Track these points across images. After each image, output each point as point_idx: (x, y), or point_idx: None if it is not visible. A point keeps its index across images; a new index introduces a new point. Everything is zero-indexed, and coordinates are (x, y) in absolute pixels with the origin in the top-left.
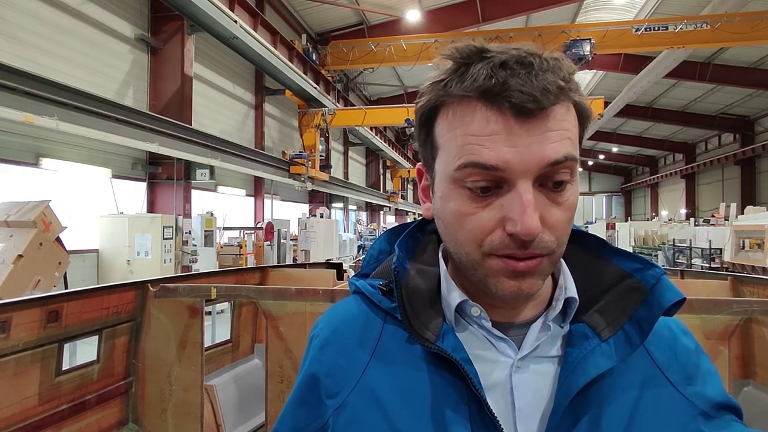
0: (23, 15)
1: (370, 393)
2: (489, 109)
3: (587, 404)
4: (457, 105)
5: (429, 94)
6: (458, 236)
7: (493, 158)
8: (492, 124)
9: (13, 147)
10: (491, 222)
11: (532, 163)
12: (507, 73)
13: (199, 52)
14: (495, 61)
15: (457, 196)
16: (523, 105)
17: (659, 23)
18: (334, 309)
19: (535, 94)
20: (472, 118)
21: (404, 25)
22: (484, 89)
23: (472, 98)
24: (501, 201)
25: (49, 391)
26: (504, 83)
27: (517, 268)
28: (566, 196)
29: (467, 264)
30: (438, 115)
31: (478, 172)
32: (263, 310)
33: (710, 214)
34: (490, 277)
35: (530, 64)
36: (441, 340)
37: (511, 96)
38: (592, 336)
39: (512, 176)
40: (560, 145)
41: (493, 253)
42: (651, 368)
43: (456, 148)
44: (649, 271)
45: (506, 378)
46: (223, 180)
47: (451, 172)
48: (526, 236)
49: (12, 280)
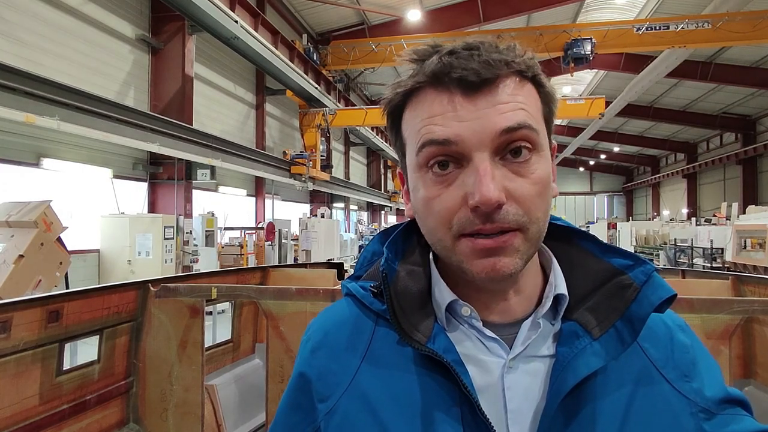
0: (24, 15)
1: (361, 396)
2: (438, 91)
3: (579, 404)
4: (414, 98)
5: (389, 96)
6: (429, 223)
7: (447, 133)
8: (442, 104)
9: (15, 147)
10: (456, 200)
11: (484, 134)
12: (453, 57)
13: (199, 52)
14: (443, 50)
15: (424, 183)
16: (465, 78)
17: (660, 23)
18: (326, 312)
19: (476, 68)
20: (424, 104)
21: (405, 25)
22: (431, 74)
23: (424, 86)
24: (462, 177)
25: (50, 391)
26: (449, 64)
27: (486, 245)
28: (532, 168)
29: (443, 252)
30: (401, 113)
31: (434, 149)
32: (264, 310)
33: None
34: (464, 261)
35: (477, 48)
36: (432, 342)
37: (454, 72)
38: (583, 334)
39: (467, 150)
40: (513, 114)
41: (461, 232)
42: (645, 365)
43: (415, 135)
44: (640, 267)
45: (498, 379)
46: (224, 180)
47: (414, 159)
48: (484, 206)
49: (13, 280)
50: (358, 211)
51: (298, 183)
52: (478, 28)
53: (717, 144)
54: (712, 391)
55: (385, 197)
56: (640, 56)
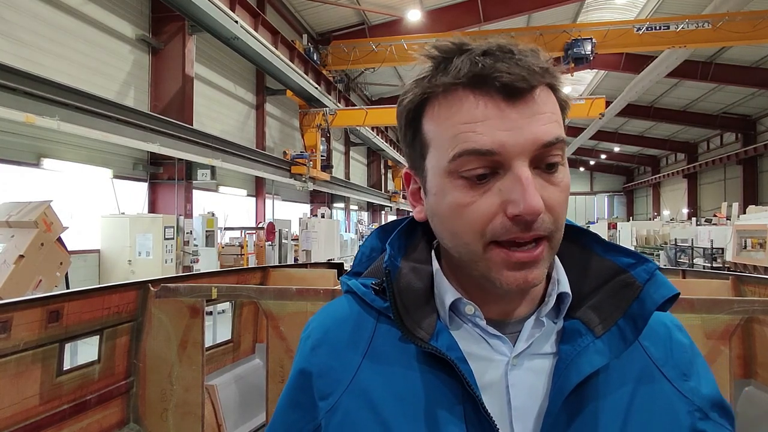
0: (24, 15)
1: (363, 394)
2: (477, 94)
3: (582, 401)
4: (443, 98)
5: (411, 92)
6: (457, 229)
7: (489, 142)
8: (483, 109)
9: (15, 147)
10: (492, 208)
11: (527, 144)
12: (492, 59)
13: (200, 52)
14: (476, 51)
15: (453, 188)
16: (513, 84)
17: (661, 23)
18: (326, 309)
19: (523, 74)
20: (460, 106)
21: (405, 25)
22: (471, 75)
23: (458, 88)
24: (499, 185)
25: (50, 391)
26: (491, 67)
27: (521, 259)
28: (560, 177)
29: (468, 258)
30: (424, 112)
31: (474, 159)
32: (264, 310)
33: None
34: (493, 271)
35: (511, 51)
36: (435, 339)
37: (500, 77)
38: (586, 332)
39: (508, 159)
40: (551, 127)
41: (495, 239)
42: (646, 364)
43: (448, 140)
44: (642, 266)
45: (502, 376)
46: (224, 180)
47: (444, 165)
48: (529, 215)
49: (13, 280)
50: (359, 211)
51: (298, 183)
52: (479, 28)
53: (717, 144)
54: (707, 391)
55: (386, 197)
56: (641, 56)
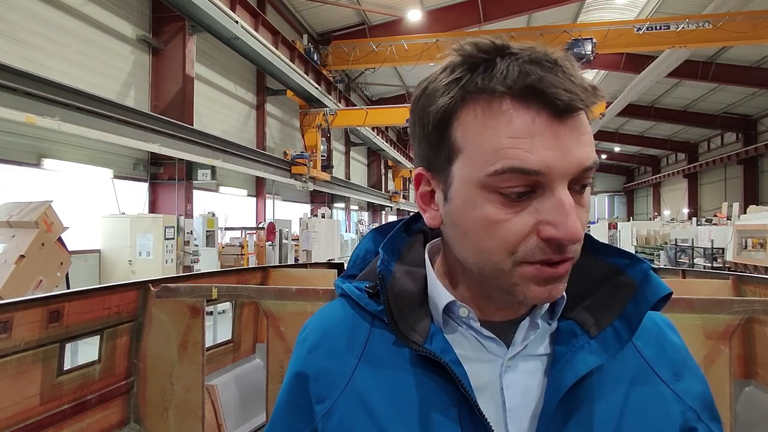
0: (25, 16)
1: (358, 397)
2: (527, 107)
3: (577, 402)
4: (484, 105)
5: (446, 92)
6: (485, 245)
7: (537, 163)
8: (532, 125)
9: (15, 147)
10: (526, 228)
11: (571, 167)
12: (541, 70)
13: (200, 52)
14: (524, 57)
15: (486, 202)
16: (570, 104)
17: (661, 22)
18: (323, 312)
19: (578, 94)
20: (506, 118)
21: (406, 25)
22: (523, 86)
23: (504, 96)
24: (536, 205)
25: (51, 391)
26: (544, 80)
27: (553, 275)
28: (587, 198)
29: (491, 275)
30: (458, 114)
31: (518, 177)
32: (264, 310)
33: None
34: (520, 285)
35: (556, 62)
36: (429, 342)
37: (557, 94)
38: (581, 333)
39: (551, 180)
40: (590, 150)
41: (527, 260)
42: (640, 364)
43: (490, 152)
44: (637, 266)
45: (496, 378)
46: (224, 180)
47: (481, 178)
48: (569, 241)
49: (14, 280)
50: (359, 211)
51: (298, 183)
52: (479, 28)
53: (718, 144)
54: (699, 391)
55: (386, 197)
56: (641, 56)
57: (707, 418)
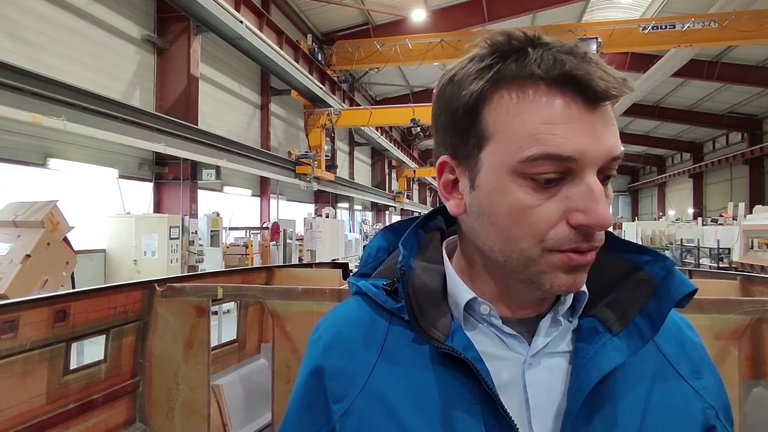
0: (30, 16)
1: (378, 396)
2: (562, 93)
3: (601, 399)
4: (519, 89)
5: (478, 77)
6: (513, 232)
7: (571, 148)
8: (567, 110)
9: (21, 147)
10: (555, 215)
11: (601, 155)
12: (578, 60)
13: (205, 52)
14: (558, 47)
15: (516, 188)
16: (607, 91)
17: (666, 21)
18: (336, 311)
19: (612, 82)
20: (540, 103)
21: (410, 25)
22: (560, 72)
23: (539, 83)
24: (566, 192)
25: (57, 391)
26: (579, 67)
27: (581, 263)
28: (610, 190)
29: (518, 263)
30: (490, 100)
31: (551, 163)
32: (270, 310)
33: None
34: (547, 273)
35: (589, 54)
36: (450, 339)
37: (592, 81)
38: (603, 330)
39: (582, 167)
40: (618, 141)
41: (557, 248)
42: (660, 361)
43: (522, 138)
44: (658, 263)
45: (519, 376)
46: (229, 180)
47: (513, 164)
48: (600, 228)
49: (20, 280)
50: (363, 211)
51: (302, 183)
52: (483, 27)
53: (723, 143)
54: (717, 391)
55: (390, 197)
56: (646, 55)
57: (723, 418)
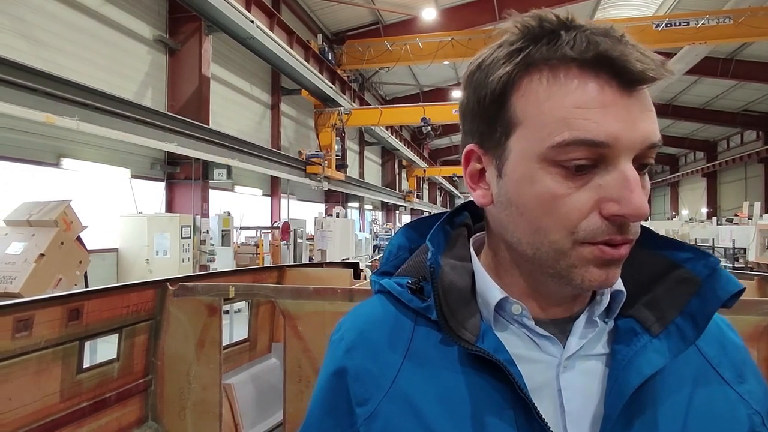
0: (43, 17)
1: (405, 399)
2: (596, 77)
3: (640, 404)
4: (549, 73)
5: (507, 62)
6: (543, 223)
7: (604, 134)
8: (600, 94)
9: (35, 147)
10: (587, 204)
11: (637, 141)
12: (613, 41)
13: (216, 52)
14: (592, 29)
15: (546, 176)
16: (645, 73)
17: (680, 18)
18: (358, 310)
19: (650, 64)
20: (572, 86)
21: (420, 24)
22: (594, 54)
23: (571, 65)
24: (599, 180)
25: (71, 389)
26: (615, 49)
27: (614, 256)
28: (647, 181)
29: (547, 256)
30: (519, 84)
31: (583, 149)
32: (281, 309)
33: (733, 213)
34: (577, 267)
35: (625, 36)
36: (481, 341)
37: (628, 63)
38: (641, 332)
39: (616, 154)
40: (656, 127)
41: (588, 240)
42: (702, 364)
43: (553, 123)
44: (701, 260)
45: (553, 379)
46: (240, 180)
47: (543, 150)
48: (635, 219)
49: (34, 279)
50: (373, 211)
51: (313, 182)
52: (494, 25)
53: (738, 142)
54: (762, 396)
55: (400, 197)
56: (660, 53)
57: None
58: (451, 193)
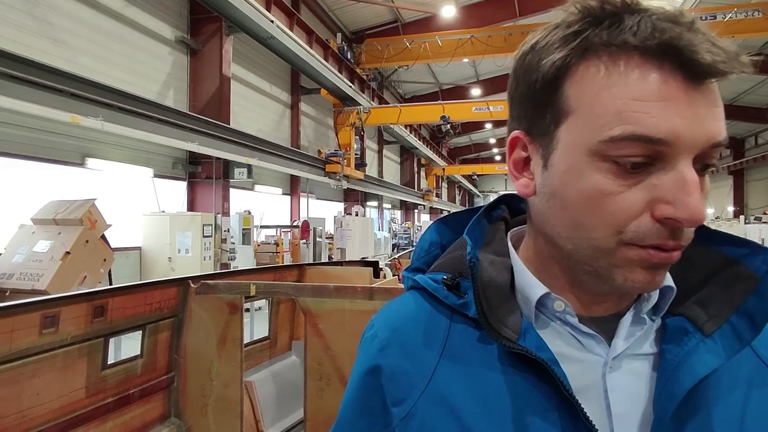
0: (69, 19)
1: (442, 399)
2: (660, 68)
3: (692, 407)
4: (609, 60)
5: (562, 45)
6: (587, 219)
7: (664, 130)
8: (664, 86)
9: (61, 147)
10: (638, 205)
11: (700, 140)
12: (681, 29)
13: (236, 52)
14: (659, 14)
15: (596, 172)
16: (714, 66)
17: (707, 12)
18: (391, 307)
19: (721, 56)
20: (634, 77)
21: (439, 22)
22: (659, 42)
23: (633, 53)
24: (653, 180)
25: (96, 384)
26: (682, 37)
27: (664, 261)
28: (707, 182)
29: (586, 252)
30: (574, 70)
31: (639, 145)
32: (302, 307)
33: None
34: (620, 267)
35: (695, 23)
36: (522, 339)
37: (696, 54)
38: (693, 330)
39: (675, 152)
40: (723, 125)
41: (636, 243)
42: (757, 365)
43: (609, 115)
44: (759, 256)
45: (599, 380)
46: (260, 179)
47: (594, 143)
48: (690, 224)
49: (60, 276)
50: (392, 210)
51: (332, 181)
52: (514, 22)
53: (766, 139)
54: None
55: (419, 195)
56: None
57: None
58: (470, 191)
